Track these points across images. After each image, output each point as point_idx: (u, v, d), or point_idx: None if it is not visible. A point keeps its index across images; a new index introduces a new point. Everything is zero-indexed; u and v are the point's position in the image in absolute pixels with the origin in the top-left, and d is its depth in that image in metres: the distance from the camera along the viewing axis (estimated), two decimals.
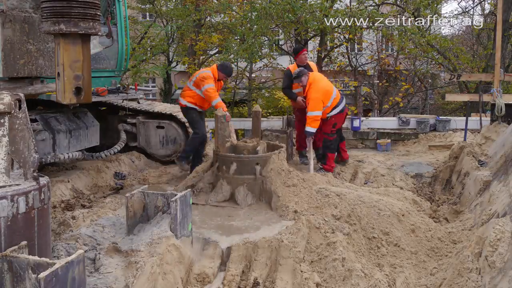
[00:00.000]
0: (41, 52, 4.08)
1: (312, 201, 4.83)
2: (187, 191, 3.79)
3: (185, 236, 3.71)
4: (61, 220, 4.18)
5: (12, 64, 3.82)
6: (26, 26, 3.88)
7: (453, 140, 8.62)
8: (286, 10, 10.83)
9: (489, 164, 5.63)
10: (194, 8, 13.34)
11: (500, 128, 6.92)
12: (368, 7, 12.50)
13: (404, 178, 6.61)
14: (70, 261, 2.47)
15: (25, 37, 3.87)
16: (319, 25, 11.07)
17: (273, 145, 6.13)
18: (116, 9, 6.45)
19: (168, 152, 7.43)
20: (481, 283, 3.17)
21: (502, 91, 8.18)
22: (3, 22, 3.75)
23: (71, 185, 5.73)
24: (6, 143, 2.81)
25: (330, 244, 4.00)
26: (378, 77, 16.89)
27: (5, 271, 2.56)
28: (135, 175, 6.62)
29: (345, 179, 6.50)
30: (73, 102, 3.74)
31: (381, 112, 16.49)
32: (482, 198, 4.78)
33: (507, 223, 3.41)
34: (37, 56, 4.08)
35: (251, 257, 3.84)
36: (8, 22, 3.77)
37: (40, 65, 4.12)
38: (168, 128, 7.29)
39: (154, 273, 3.17)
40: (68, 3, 3.58)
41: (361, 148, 9.47)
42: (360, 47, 16.78)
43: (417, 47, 12.49)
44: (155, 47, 15.89)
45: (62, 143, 5.66)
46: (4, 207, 2.65)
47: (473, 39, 18.51)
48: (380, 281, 3.62)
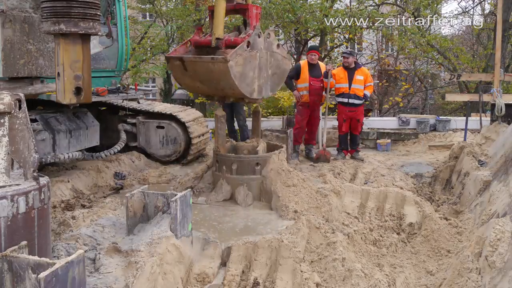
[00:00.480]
0: (41, 52, 4.09)
1: (312, 201, 4.83)
2: (187, 191, 3.79)
3: (185, 236, 3.71)
4: (61, 220, 4.17)
5: (12, 64, 3.82)
6: (26, 26, 3.89)
7: (453, 140, 8.62)
8: (286, 10, 10.83)
9: (489, 164, 5.63)
10: (194, 8, 13.34)
11: (500, 128, 6.92)
12: (368, 7, 12.51)
13: (404, 178, 6.61)
14: (70, 261, 2.47)
15: (25, 37, 3.88)
16: (319, 25, 11.07)
17: (273, 145, 6.14)
18: (116, 9, 6.45)
19: (168, 152, 7.43)
20: (481, 283, 3.17)
21: (502, 91, 8.19)
22: (3, 22, 3.75)
23: (71, 185, 5.73)
24: (6, 143, 2.81)
25: (330, 244, 4.00)
26: (378, 77, 16.89)
27: (5, 271, 2.56)
28: (135, 175, 6.62)
29: (345, 179, 6.50)
30: (73, 102, 3.75)
31: (381, 112, 16.50)
32: (482, 198, 4.78)
33: (507, 223, 3.41)
34: (37, 56, 4.09)
35: (251, 257, 3.84)
36: (8, 22, 3.77)
37: (40, 65, 4.13)
38: (168, 128, 7.29)
39: (154, 273, 3.17)
40: (68, 3, 3.58)
41: (361, 148, 9.46)
42: (360, 47, 16.79)
43: (417, 47, 12.49)
44: (155, 47, 15.87)
45: (62, 143, 5.66)
46: (4, 207, 2.64)
47: (473, 39, 18.51)
48: (380, 281, 3.62)
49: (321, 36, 12.54)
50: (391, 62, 16.48)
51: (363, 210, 5.04)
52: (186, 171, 6.76)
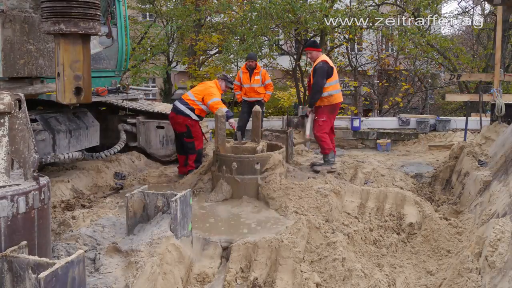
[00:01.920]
0: (41, 52, 4.11)
1: (312, 201, 4.83)
2: (187, 191, 3.79)
3: (185, 236, 3.71)
4: (61, 220, 4.17)
5: (12, 64, 3.84)
6: (26, 26, 3.90)
7: (453, 140, 8.63)
8: (286, 10, 10.83)
9: (489, 164, 5.63)
10: (194, 8, 13.34)
11: (500, 128, 6.92)
12: (368, 7, 12.50)
13: (404, 178, 6.61)
14: (70, 261, 2.47)
15: (25, 37, 3.89)
16: (319, 25, 11.07)
17: (273, 145, 6.14)
18: (116, 9, 6.45)
19: (168, 152, 7.43)
20: (481, 283, 3.17)
21: (502, 91, 8.19)
22: (3, 22, 3.76)
23: (71, 185, 5.73)
24: (6, 143, 2.81)
25: (330, 244, 4.00)
26: (378, 77, 16.89)
27: (5, 271, 2.56)
28: (135, 175, 6.62)
29: (345, 179, 6.49)
30: (73, 102, 3.76)
31: (381, 112, 16.50)
32: (482, 198, 4.78)
33: (507, 223, 3.41)
34: (37, 56, 4.10)
35: (251, 257, 3.84)
36: (8, 22, 3.79)
37: (40, 65, 4.14)
38: (168, 128, 7.29)
39: (154, 273, 3.17)
40: (68, 3, 3.58)
41: (361, 148, 9.47)
42: (360, 47, 16.79)
43: (417, 47, 12.49)
44: (155, 47, 15.88)
45: (62, 143, 5.66)
46: (4, 207, 2.64)
47: (473, 39, 18.51)
48: (380, 281, 3.61)
49: (321, 36, 12.53)
50: (391, 62, 16.46)
51: (363, 210, 5.03)
52: None
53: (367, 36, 15.31)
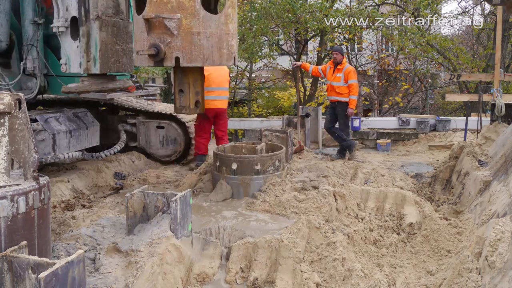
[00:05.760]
0: (124, 52, 4.68)
1: (312, 201, 4.83)
2: (187, 191, 3.79)
3: (185, 236, 3.71)
4: (61, 220, 4.17)
5: (106, 62, 4.44)
6: (115, 29, 4.52)
7: (453, 140, 8.62)
8: (286, 10, 10.84)
9: (489, 164, 5.63)
10: None
11: (500, 128, 6.92)
12: (368, 7, 12.51)
13: (404, 178, 6.61)
14: (70, 261, 2.47)
15: (114, 38, 4.51)
16: (319, 25, 11.07)
17: (273, 145, 6.14)
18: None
19: (168, 152, 7.43)
20: (481, 283, 3.17)
21: (502, 91, 8.18)
22: (100, 26, 4.33)
23: (71, 185, 5.73)
24: (6, 143, 2.81)
25: (330, 244, 4.00)
26: (378, 77, 16.89)
27: (5, 271, 2.56)
28: (135, 175, 6.62)
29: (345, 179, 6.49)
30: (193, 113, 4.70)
31: (381, 112, 16.50)
32: (482, 198, 4.78)
33: (507, 223, 3.40)
34: (122, 55, 4.68)
35: (251, 257, 3.84)
36: (104, 26, 4.38)
37: (124, 63, 4.69)
38: (168, 128, 7.29)
39: (154, 273, 3.17)
40: None
41: (361, 148, 9.46)
42: (360, 47, 16.79)
43: (417, 47, 12.49)
44: None
45: (62, 143, 5.67)
46: (4, 207, 2.65)
47: (473, 39, 18.51)
48: (380, 281, 3.61)
49: (321, 36, 12.54)
50: (391, 62, 16.47)
51: (363, 210, 5.03)
52: (186, 171, 6.77)
53: (367, 36, 15.31)
